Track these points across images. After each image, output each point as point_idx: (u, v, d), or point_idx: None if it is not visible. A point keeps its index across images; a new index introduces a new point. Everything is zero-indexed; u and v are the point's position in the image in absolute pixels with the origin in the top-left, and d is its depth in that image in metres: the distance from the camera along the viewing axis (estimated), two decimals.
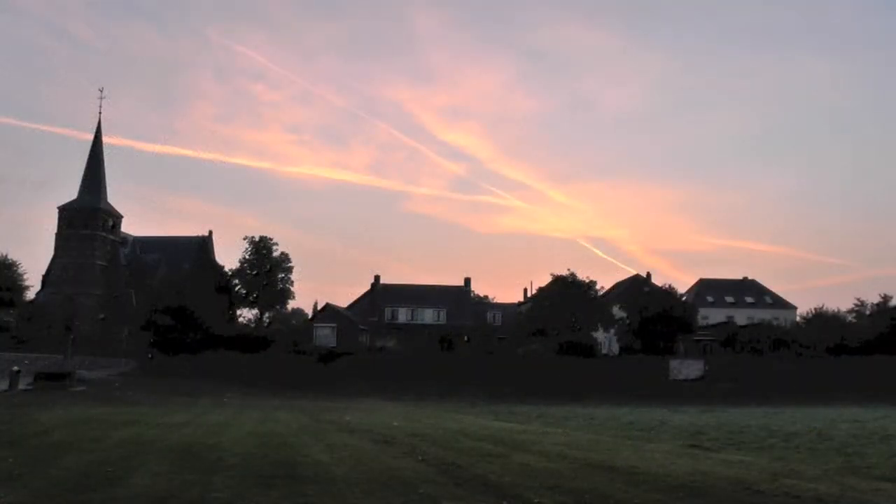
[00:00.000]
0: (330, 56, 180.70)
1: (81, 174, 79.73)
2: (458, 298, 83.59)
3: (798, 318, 79.79)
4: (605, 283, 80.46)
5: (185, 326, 62.72)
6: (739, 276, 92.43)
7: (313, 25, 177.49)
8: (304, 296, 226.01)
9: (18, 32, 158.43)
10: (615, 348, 72.51)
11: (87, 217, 76.26)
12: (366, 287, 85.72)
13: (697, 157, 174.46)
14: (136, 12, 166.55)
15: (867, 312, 73.33)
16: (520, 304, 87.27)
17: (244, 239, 76.63)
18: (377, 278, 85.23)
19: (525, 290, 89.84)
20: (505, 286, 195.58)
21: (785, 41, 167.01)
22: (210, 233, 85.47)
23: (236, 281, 76.01)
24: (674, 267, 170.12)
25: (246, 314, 79.45)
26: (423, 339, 69.90)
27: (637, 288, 77.86)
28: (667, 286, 76.56)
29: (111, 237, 78.45)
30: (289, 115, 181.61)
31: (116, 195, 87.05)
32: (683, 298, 79.41)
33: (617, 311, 71.97)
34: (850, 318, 73.31)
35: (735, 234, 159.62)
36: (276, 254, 76.52)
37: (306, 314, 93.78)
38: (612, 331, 71.96)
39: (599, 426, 22.58)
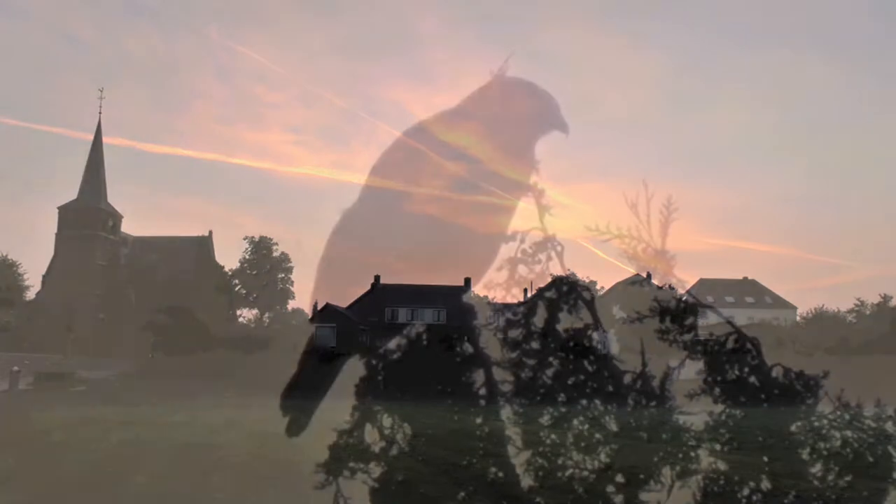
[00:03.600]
0: (330, 56, 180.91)
1: (81, 174, 79.77)
2: (459, 298, 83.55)
3: (798, 318, 79.68)
4: (605, 283, 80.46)
5: (185, 326, 62.65)
6: (739, 276, 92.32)
7: (314, 26, 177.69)
8: (304, 296, 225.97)
9: (18, 32, 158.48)
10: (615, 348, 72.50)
11: (87, 217, 76.20)
12: (366, 287, 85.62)
13: (697, 157, 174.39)
14: (137, 12, 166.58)
15: (867, 312, 73.27)
16: (520, 304, 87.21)
17: (244, 239, 76.76)
18: (377, 278, 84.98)
19: (525, 291, 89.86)
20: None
21: (785, 41, 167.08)
22: (210, 233, 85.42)
23: (236, 281, 76.00)
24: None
25: (246, 314, 79.54)
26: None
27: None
28: (667, 286, 76.55)
29: (111, 237, 78.40)
30: (290, 116, 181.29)
31: (116, 195, 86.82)
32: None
33: (617, 311, 71.94)
34: (850, 318, 73.22)
35: (735, 234, 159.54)
36: (276, 254, 76.58)
37: (306, 314, 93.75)
38: (612, 331, 71.98)
39: None
